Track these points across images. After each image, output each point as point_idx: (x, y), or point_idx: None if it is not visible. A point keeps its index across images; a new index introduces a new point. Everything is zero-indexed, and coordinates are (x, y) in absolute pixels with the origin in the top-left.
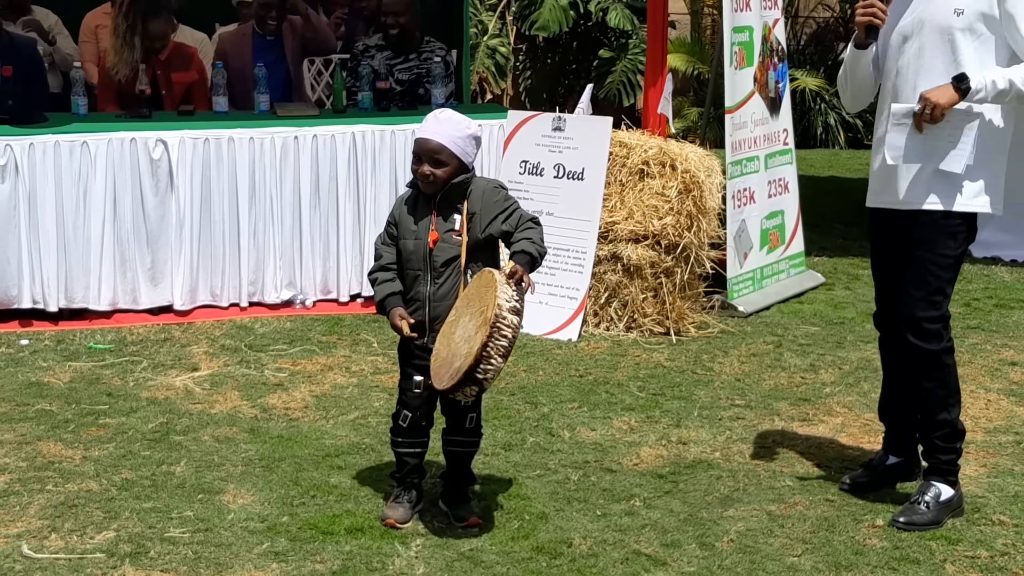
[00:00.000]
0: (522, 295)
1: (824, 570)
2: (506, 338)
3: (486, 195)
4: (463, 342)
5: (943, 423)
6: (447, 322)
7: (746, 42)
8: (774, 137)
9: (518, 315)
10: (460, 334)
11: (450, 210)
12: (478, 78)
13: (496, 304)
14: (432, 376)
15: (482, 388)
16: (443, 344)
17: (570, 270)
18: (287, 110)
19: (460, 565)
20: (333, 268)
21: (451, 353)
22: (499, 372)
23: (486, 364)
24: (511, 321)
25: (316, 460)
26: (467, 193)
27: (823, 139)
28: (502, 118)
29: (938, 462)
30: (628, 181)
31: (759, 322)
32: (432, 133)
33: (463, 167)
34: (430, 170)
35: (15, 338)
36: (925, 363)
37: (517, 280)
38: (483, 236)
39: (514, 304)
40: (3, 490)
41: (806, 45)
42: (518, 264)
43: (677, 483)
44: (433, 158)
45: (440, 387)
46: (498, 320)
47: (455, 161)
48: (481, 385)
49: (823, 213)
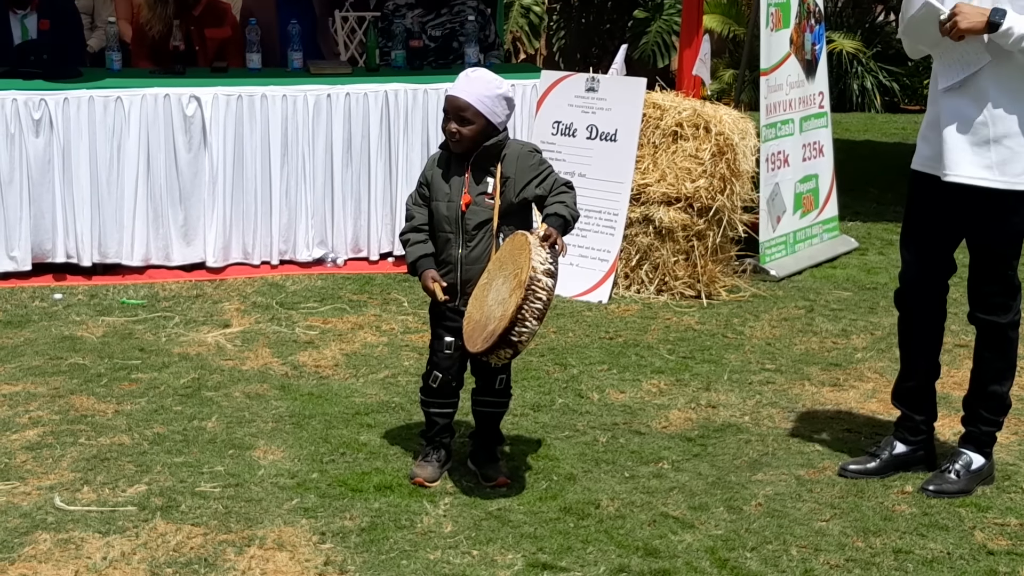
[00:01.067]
0: (556, 257)
1: (852, 535)
2: (541, 300)
3: (521, 159)
4: (497, 305)
5: (993, 395)
6: (479, 285)
7: (783, 3)
8: (809, 100)
9: (552, 277)
10: (493, 297)
11: (483, 173)
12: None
13: (531, 267)
14: (465, 339)
15: (516, 351)
16: (475, 307)
17: (601, 232)
18: (320, 68)
19: (488, 524)
20: (364, 227)
21: (484, 316)
22: (534, 335)
23: (520, 327)
24: (546, 284)
25: (346, 418)
26: (501, 156)
27: (859, 103)
28: (535, 78)
29: (977, 431)
30: (661, 143)
31: (791, 286)
32: (460, 91)
33: (491, 127)
34: (456, 128)
35: (49, 292)
36: (989, 335)
37: (551, 243)
38: (517, 200)
39: (548, 267)
40: (36, 443)
41: (843, 7)
42: (552, 227)
43: (706, 446)
44: (459, 115)
45: (474, 350)
46: (533, 283)
47: (481, 120)
48: (515, 348)
49: (858, 177)
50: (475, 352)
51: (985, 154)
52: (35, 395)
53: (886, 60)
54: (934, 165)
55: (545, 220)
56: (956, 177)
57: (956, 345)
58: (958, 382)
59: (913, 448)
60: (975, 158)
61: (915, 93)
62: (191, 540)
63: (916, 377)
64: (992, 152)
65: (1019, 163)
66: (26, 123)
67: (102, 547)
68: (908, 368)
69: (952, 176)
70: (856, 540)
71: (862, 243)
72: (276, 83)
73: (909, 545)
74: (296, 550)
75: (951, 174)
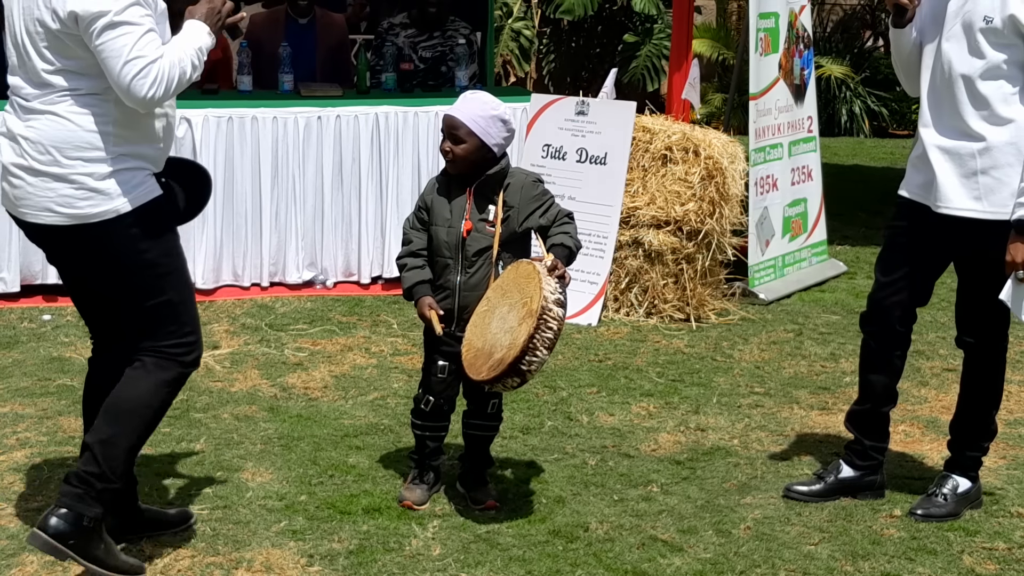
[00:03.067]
0: (564, 287)
1: (841, 559)
2: (552, 330)
3: (525, 189)
4: (503, 333)
5: (980, 419)
6: (478, 312)
7: (772, 28)
8: (798, 124)
9: (563, 307)
10: (498, 325)
11: (485, 200)
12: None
13: (542, 296)
14: (467, 367)
15: (524, 380)
16: (476, 334)
17: (591, 255)
18: (311, 90)
19: (477, 547)
20: (355, 249)
21: (488, 344)
22: (543, 364)
23: (531, 356)
24: (556, 313)
25: (335, 440)
26: (504, 185)
27: (847, 127)
28: (525, 101)
29: (962, 456)
30: (651, 166)
31: (780, 310)
32: (454, 110)
33: (486, 149)
34: (449, 146)
35: (38, 313)
36: (976, 360)
37: (559, 274)
38: (520, 230)
39: (559, 296)
40: (24, 464)
41: (832, 32)
42: (558, 257)
43: (695, 469)
44: (452, 134)
45: (479, 378)
46: (545, 312)
47: (474, 140)
48: (524, 377)
49: (846, 202)
50: (480, 380)
51: (973, 186)
52: (23, 416)
53: (874, 85)
54: (923, 194)
55: (550, 250)
56: (947, 209)
57: (944, 369)
58: (946, 406)
59: (861, 473)
60: (963, 190)
61: (903, 118)
62: (178, 562)
63: (871, 401)
64: (979, 184)
65: (1004, 192)
66: None
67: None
68: (864, 391)
69: (944, 208)
70: (845, 564)
71: (850, 267)
72: (266, 105)
73: (897, 569)
74: (284, 572)
75: (943, 206)
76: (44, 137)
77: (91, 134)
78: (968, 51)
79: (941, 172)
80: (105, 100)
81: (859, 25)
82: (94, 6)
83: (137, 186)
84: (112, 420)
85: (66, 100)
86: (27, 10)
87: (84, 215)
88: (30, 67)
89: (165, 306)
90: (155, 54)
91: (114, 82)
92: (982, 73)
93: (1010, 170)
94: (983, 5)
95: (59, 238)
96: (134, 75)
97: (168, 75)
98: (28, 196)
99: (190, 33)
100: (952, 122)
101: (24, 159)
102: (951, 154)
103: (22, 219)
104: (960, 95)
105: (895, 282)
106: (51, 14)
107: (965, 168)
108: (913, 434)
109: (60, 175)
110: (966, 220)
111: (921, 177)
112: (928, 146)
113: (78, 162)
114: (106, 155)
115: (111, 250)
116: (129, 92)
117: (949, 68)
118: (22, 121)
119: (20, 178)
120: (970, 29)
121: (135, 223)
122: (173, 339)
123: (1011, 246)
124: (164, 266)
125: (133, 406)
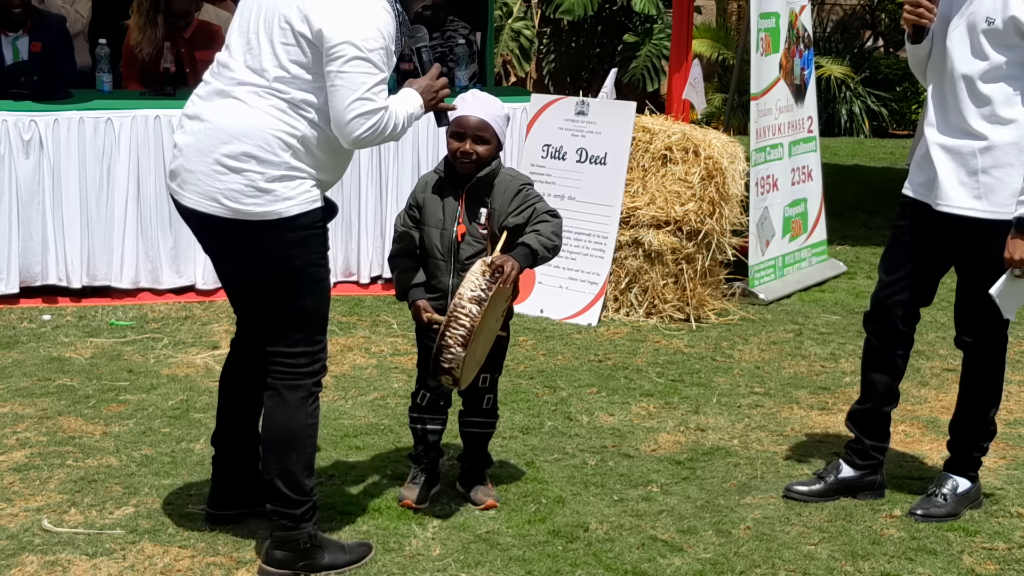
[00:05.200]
0: (493, 284)
1: (841, 559)
2: (464, 327)
3: (508, 191)
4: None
5: (979, 419)
6: None
7: (772, 28)
8: (798, 124)
9: (479, 304)
10: None
11: (478, 203)
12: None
13: (459, 292)
14: None
15: (454, 377)
16: None
17: (591, 255)
18: None
19: (476, 547)
20: (354, 249)
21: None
22: (463, 361)
23: (447, 352)
24: (470, 310)
25: (335, 440)
26: (492, 186)
27: (847, 127)
28: (525, 101)
29: (961, 457)
30: (651, 166)
31: (780, 310)
32: (475, 110)
33: (499, 147)
34: (472, 147)
35: (37, 313)
36: (976, 360)
37: (495, 270)
38: (499, 231)
39: (478, 294)
40: (24, 464)
41: (832, 32)
42: (514, 256)
43: (695, 469)
44: (476, 135)
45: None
46: (456, 308)
47: (496, 140)
48: (451, 374)
49: (846, 202)
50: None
51: (974, 185)
52: (23, 416)
53: (874, 85)
54: (926, 193)
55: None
56: (947, 208)
57: (944, 369)
58: (946, 406)
59: (861, 473)
60: (964, 189)
61: (903, 118)
62: (178, 563)
63: (872, 400)
64: (980, 183)
65: (1004, 192)
66: (16, 144)
67: (89, 569)
68: (866, 390)
69: (944, 207)
70: (844, 564)
71: (850, 267)
72: None
73: (897, 569)
74: None
75: (943, 204)
76: (227, 124)
77: (275, 139)
78: (971, 52)
79: (942, 170)
80: (304, 115)
81: (859, 25)
82: (345, 34)
83: (303, 193)
84: (276, 454)
85: (269, 98)
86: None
87: (247, 212)
88: (255, 52)
89: (300, 312)
90: (384, 103)
91: (336, 109)
92: (984, 74)
93: (1011, 170)
94: (985, 7)
95: (215, 228)
96: (359, 113)
97: (384, 126)
98: (197, 182)
99: (407, 98)
100: (955, 121)
101: (200, 141)
102: (953, 153)
103: (182, 203)
104: (962, 95)
105: (898, 281)
106: (300, 16)
107: (966, 167)
108: (913, 434)
109: (233, 168)
110: (965, 219)
111: (924, 176)
112: (931, 144)
113: (253, 160)
114: (282, 161)
115: (264, 249)
116: (346, 125)
117: (952, 68)
118: (209, 104)
119: (191, 160)
120: (973, 30)
121: (294, 228)
122: (300, 347)
123: (1010, 242)
124: (310, 274)
125: (285, 434)
